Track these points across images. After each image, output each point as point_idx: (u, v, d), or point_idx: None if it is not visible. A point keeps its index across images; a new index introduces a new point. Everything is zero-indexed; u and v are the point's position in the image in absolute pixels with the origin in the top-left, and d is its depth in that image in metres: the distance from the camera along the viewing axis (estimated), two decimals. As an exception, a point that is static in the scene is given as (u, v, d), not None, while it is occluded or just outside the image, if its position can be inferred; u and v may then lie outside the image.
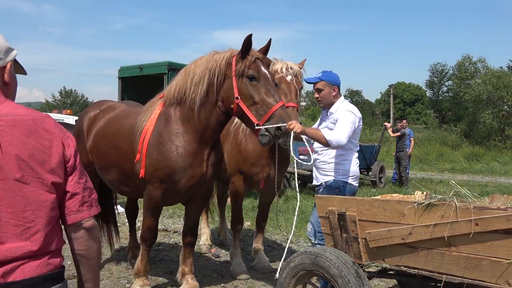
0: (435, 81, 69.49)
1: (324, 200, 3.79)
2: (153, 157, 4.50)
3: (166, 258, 6.57)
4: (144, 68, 16.82)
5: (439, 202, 3.20)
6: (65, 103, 57.79)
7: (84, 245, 1.97)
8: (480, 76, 38.61)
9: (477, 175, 21.02)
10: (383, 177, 15.67)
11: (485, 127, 34.96)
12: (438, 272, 3.23)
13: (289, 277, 3.68)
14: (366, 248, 3.54)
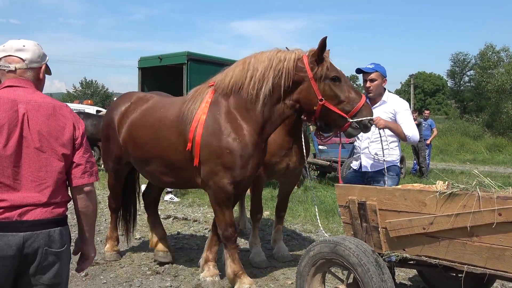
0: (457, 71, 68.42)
1: (344, 189, 3.78)
2: (212, 145, 4.45)
3: (186, 246, 6.62)
4: (163, 58, 16.86)
5: (462, 191, 3.17)
6: (86, 93, 58.46)
7: (83, 205, 2.63)
8: (504, 65, 37.95)
9: (500, 166, 20.71)
10: (403, 168, 15.51)
11: (508, 117, 34.38)
12: (459, 263, 3.20)
13: (308, 265, 3.69)
14: (386, 237, 3.53)
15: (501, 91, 35.58)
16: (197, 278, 5.26)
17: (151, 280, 5.21)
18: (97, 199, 2.78)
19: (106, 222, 7.99)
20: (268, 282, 5.21)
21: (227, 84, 4.58)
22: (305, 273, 3.71)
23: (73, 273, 5.32)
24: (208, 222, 8.14)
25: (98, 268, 5.58)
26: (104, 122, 5.83)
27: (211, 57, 17.44)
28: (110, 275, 5.32)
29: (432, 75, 74.63)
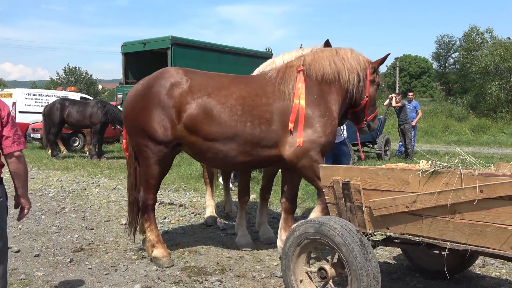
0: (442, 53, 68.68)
1: (328, 170, 3.79)
2: (314, 127, 4.92)
3: (171, 230, 6.64)
4: (147, 43, 16.73)
5: (444, 169, 3.20)
6: (70, 80, 57.74)
7: (15, 167, 3.41)
8: (488, 47, 38.12)
9: (483, 147, 20.92)
10: (388, 149, 15.64)
11: (492, 98, 34.65)
12: (442, 240, 3.25)
13: (293, 246, 3.71)
14: (370, 216, 3.56)
15: (485, 73, 35.78)
16: (183, 261, 5.27)
17: (137, 264, 5.21)
18: (26, 163, 3.52)
19: (92, 209, 7.98)
20: (254, 264, 5.24)
21: (326, 73, 5.11)
22: (290, 253, 3.74)
23: (58, 259, 5.36)
24: (194, 206, 8.16)
25: (83, 254, 5.57)
26: (145, 105, 5.05)
27: (196, 42, 17.33)
28: (95, 261, 5.31)
29: (417, 57, 74.77)
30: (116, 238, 6.24)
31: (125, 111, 5.32)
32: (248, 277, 4.81)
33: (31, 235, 6.33)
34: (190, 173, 11.42)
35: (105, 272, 4.94)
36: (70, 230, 6.61)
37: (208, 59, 17.01)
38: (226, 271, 4.99)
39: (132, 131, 5.22)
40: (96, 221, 7.16)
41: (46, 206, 8.23)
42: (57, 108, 15.16)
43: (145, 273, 4.94)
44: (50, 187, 10.07)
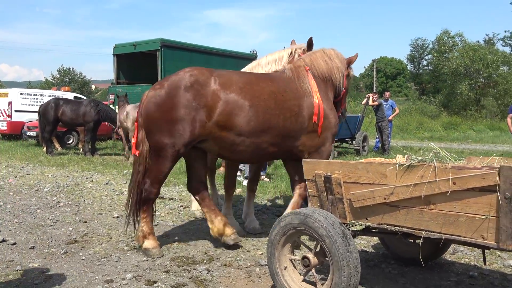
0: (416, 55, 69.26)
1: (311, 164, 3.78)
2: (329, 118, 5.30)
3: (162, 223, 6.59)
4: (138, 45, 16.62)
5: (419, 163, 3.21)
6: (64, 81, 57.08)
7: None
8: (458, 49, 38.57)
9: (454, 143, 21.18)
10: (366, 145, 15.76)
11: (462, 98, 35.11)
12: (417, 229, 3.25)
13: (279, 235, 3.69)
14: (350, 208, 3.55)
15: (456, 74, 36.23)
16: (172, 252, 5.24)
17: (129, 255, 5.15)
18: None
19: (85, 203, 7.90)
20: (240, 253, 5.22)
21: (325, 70, 5.48)
22: (276, 242, 3.71)
23: (53, 251, 5.29)
24: (183, 200, 8.11)
25: (77, 246, 5.50)
26: (173, 105, 4.81)
27: (184, 44, 17.24)
28: (89, 252, 5.24)
29: (393, 59, 75.33)
30: (109, 230, 6.17)
31: (148, 112, 4.93)
32: (234, 266, 4.80)
33: (26, 228, 6.23)
34: (180, 168, 11.36)
35: (98, 263, 4.88)
36: (65, 223, 6.52)
37: (196, 61, 16.94)
38: (214, 260, 4.97)
39: (154, 130, 4.90)
40: (90, 215, 7.07)
41: (41, 200, 8.11)
42: (52, 107, 15.01)
43: (136, 263, 4.88)
44: (45, 182, 9.93)
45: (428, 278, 4.39)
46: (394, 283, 4.26)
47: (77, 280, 4.40)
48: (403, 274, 4.52)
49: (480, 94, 35.68)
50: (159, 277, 4.48)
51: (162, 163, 4.96)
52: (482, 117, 32.26)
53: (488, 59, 34.69)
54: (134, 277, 4.45)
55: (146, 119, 5.00)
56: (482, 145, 19.39)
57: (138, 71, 18.06)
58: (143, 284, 4.30)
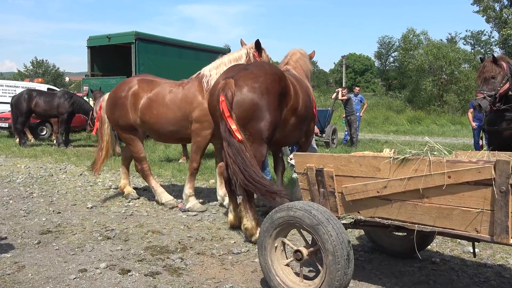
0: (383, 52, 70.23)
1: (302, 157, 3.59)
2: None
3: (136, 213, 6.39)
4: (112, 37, 16.15)
5: (414, 157, 3.07)
6: (37, 73, 55.50)
7: None
8: (423, 47, 39.15)
9: (418, 136, 21.38)
10: (335, 138, 15.67)
11: (426, 93, 35.65)
12: (410, 222, 3.14)
13: (272, 227, 3.45)
14: (342, 201, 3.40)
15: (420, 70, 36.74)
16: (146, 241, 5.08)
17: (102, 245, 4.97)
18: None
19: (59, 193, 7.57)
20: (213, 242, 5.09)
21: (306, 71, 6.31)
22: (268, 234, 3.48)
23: (26, 241, 5.02)
24: (158, 191, 7.83)
25: (50, 236, 5.26)
26: (273, 93, 4.96)
27: (158, 37, 16.83)
28: (62, 242, 5.02)
29: (361, 56, 76.15)
30: (83, 220, 5.94)
31: (250, 102, 4.83)
32: (207, 254, 4.69)
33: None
34: (154, 160, 11.08)
35: (72, 253, 4.68)
36: (38, 214, 6.24)
37: (170, 54, 16.61)
38: (187, 249, 4.84)
39: (256, 117, 4.82)
40: (63, 205, 6.78)
41: (14, 191, 7.73)
42: (25, 98, 14.43)
43: (110, 252, 4.72)
44: (18, 173, 9.49)
45: (393, 264, 4.37)
46: (361, 270, 4.21)
47: (51, 270, 4.24)
48: (369, 261, 4.47)
49: (443, 90, 36.32)
50: (133, 266, 4.35)
51: (259, 147, 4.98)
52: (445, 112, 32.82)
53: (451, 56, 35.32)
54: (108, 266, 4.33)
55: (242, 108, 4.85)
56: (444, 139, 19.63)
57: (112, 63, 17.56)
58: (117, 273, 4.17)
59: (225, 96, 4.80)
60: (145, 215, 6.29)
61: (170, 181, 8.68)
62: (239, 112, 4.82)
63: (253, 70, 5.04)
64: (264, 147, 5.01)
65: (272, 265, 3.52)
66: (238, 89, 4.85)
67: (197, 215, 6.21)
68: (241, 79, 4.93)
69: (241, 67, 5.24)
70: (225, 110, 4.77)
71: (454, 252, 4.75)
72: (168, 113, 6.37)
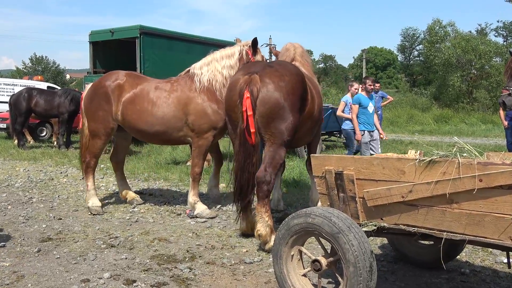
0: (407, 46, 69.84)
1: (320, 159, 3.57)
2: None
3: (141, 219, 6.43)
4: (115, 32, 16.24)
5: (441, 158, 3.03)
6: (36, 70, 56.04)
7: None
8: (450, 40, 38.78)
9: (446, 136, 21.20)
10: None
11: (454, 90, 35.29)
12: (438, 230, 3.10)
13: (297, 227, 3.43)
14: (363, 207, 3.38)
15: (447, 65, 36.38)
16: (153, 249, 5.10)
17: (106, 253, 5.00)
18: None
19: (60, 198, 7.64)
20: (224, 251, 5.10)
21: (311, 65, 6.61)
22: (294, 230, 3.46)
23: (25, 249, 5.10)
24: (163, 195, 7.93)
25: (51, 244, 5.32)
26: (302, 92, 5.26)
27: (164, 31, 16.90)
28: (63, 250, 5.08)
29: (383, 49, 75.75)
30: (85, 227, 5.99)
31: (276, 101, 4.96)
32: (217, 264, 4.69)
33: (-4, 226, 5.99)
34: (160, 163, 11.14)
35: (74, 262, 4.72)
36: (38, 220, 6.31)
37: (177, 49, 16.65)
38: (196, 258, 4.85)
39: (279, 117, 4.97)
40: (64, 211, 6.86)
41: (13, 196, 7.83)
42: (24, 97, 14.61)
43: (114, 261, 4.74)
44: (17, 177, 9.62)
45: (419, 275, 4.33)
46: (383, 281, 4.18)
47: (52, 280, 4.28)
48: (393, 271, 4.44)
49: (472, 86, 35.95)
50: (139, 276, 4.37)
51: (280, 148, 5.09)
52: (474, 110, 32.44)
53: (481, 49, 34.91)
54: (112, 276, 4.35)
55: (272, 109, 5.00)
56: (475, 139, 19.45)
57: (116, 59, 17.66)
58: (122, 283, 4.19)
59: (250, 92, 4.88)
60: (151, 221, 6.32)
61: (177, 185, 8.72)
62: (264, 110, 4.92)
63: (278, 68, 5.17)
64: (284, 150, 5.09)
65: (288, 275, 3.51)
66: (264, 86, 4.95)
67: (206, 221, 6.24)
68: (266, 76, 5.02)
69: (263, 64, 5.41)
70: (249, 108, 4.86)
71: (486, 263, 4.69)
72: (154, 111, 6.41)
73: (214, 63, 6.60)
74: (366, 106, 8.98)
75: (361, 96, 9.13)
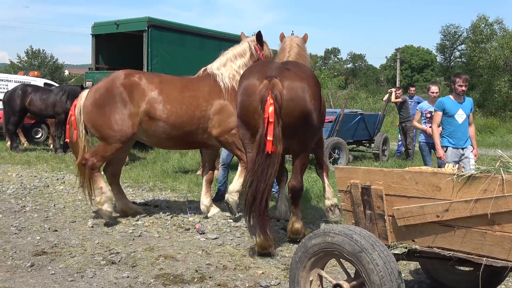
0: (447, 45, 69.45)
1: (345, 171, 3.61)
2: None
3: (145, 234, 6.48)
4: (121, 24, 16.39)
5: (483, 174, 3.05)
6: (32, 64, 56.83)
7: None
8: (497, 39, 38.37)
9: (489, 149, 20.97)
10: (386, 149, 15.41)
11: (501, 96, 34.89)
12: (477, 255, 3.12)
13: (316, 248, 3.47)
14: (393, 226, 3.41)
15: (494, 67, 36.00)
16: (157, 268, 5.14)
17: (106, 270, 5.06)
18: None
19: (56, 208, 7.77)
20: (237, 272, 5.13)
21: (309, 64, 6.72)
22: (312, 251, 3.49)
23: (17, 263, 5.20)
24: (170, 208, 7.99)
25: (45, 258, 5.40)
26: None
27: (175, 24, 17.03)
28: (59, 266, 5.15)
29: (420, 49, 75.30)
30: (83, 241, 6.07)
31: (301, 108, 5.35)
32: (230, 287, 4.73)
33: (-15, 237, 6.10)
34: (167, 171, 11.21)
35: (70, 279, 4.79)
36: (31, 231, 6.42)
37: (189, 44, 16.75)
38: (206, 279, 4.88)
39: (310, 122, 5.48)
40: (61, 222, 6.96)
41: (4, 204, 7.97)
42: (19, 95, 14.70)
43: (115, 280, 4.80)
44: (9, 183, 9.78)
45: None
46: None
47: None
48: None
49: (522, 93, 35.53)
50: None
51: (307, 152, 5.95)
52: (525, 120, 32.07)
53: (533, 51, 34.55)
54: None
55: (302, 115, 5.46)
56: (524, 153, 19.27)
57: (121, 55, 17.85)
58: None
59: (274, 99, 5.09)
60: (156, 236, 6.36)
61: (186, 197, 8.78)
62: (291, 119, 5.26)
63: (296, 71, 5.50)
64: (308, 157, 5.77)
65: None
66: (288, 92, 5.24)
67: (217, 238, 6.27)
68: (287, 80, 5.30)
69: (278, 65, 5.62)
70: (271, 116, 5.07)
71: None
72: (184, 110, 6.66)
73: (229, 63, 7.03)
74: (453, 114, 7.57)
75: (447, 100, 7.66)
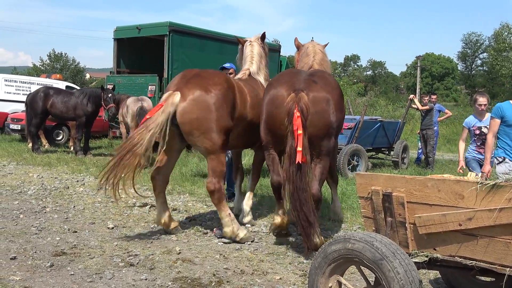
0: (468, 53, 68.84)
1: (366, 178, 3.59)
2: None
3: (163, 237, 6.50)
4: (142, 28, 16.51)
5: (507, 183, 3.01)
6: (55, 67, 57.50)
7: None
8: (520, 48, 38.04)
9: None
10: (406, 157, 15.29)
11: (524, 106, 34.49)
12: (500, 265, 3.07)
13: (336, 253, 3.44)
14: (414, 234, 3.38)
15: (516, 77, 35.69)
16: (175, 271, 5.15)
17: (124, 272, 5.09)
18: None
19: (75, 209, 7.83)
20: (255, 277, 5.12)
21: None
22: (332, 257, 3.47)
23: (37, 263, 5.25)
24: (188, 211, 8.03)
25: (65, 259, 5.44)
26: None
27: (196, 29, 17.12)
28: (78, 266, 5.19)
29: (441, 57, 74.88)
30: (102, 242, 6.11)
31: (326, 122, 5.71)
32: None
33: (7, 236, 6.17)
34: (185, 175, 11.25)
35: (89, 280, 4.82)
36: (51, 232, 6.47)
37: (209, 49, 16.82)
38: (223, 283, 4.89)
39: (329, 135, 5.79)
40: (80, 223, 7.01)
41: (25, 204, 8.05)
42: (41, 97, 14.81)
43: (133, 282, 4.82)
44: (30, 184, 9.88)
45: None
46: None
47: None
48: None
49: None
50: None
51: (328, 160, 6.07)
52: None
53: (556, 60, 34.19)
54: None
55: (326, 123, 5.78)
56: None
57: (142, 57, 18.00)
58: None
59: (301, 112, 5.41)
60: (174, 239, 6.39)
61: (204, 201, 8.79)
62: (315, 131, 5.58)
63: (322, 84, 5.82)
64: (327, 165, 5.96)
65: None
66: (313, 106, 5.55)
67: (235, 243, 6.25)
68: (312, 93, 5.64)
69: (306, 78, 5.89)
70: (299, 127, 5.37)
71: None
72: (259, 112, 6.58)
73: (263, 70, 7.44)
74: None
75: (507, 106, 6.56)
